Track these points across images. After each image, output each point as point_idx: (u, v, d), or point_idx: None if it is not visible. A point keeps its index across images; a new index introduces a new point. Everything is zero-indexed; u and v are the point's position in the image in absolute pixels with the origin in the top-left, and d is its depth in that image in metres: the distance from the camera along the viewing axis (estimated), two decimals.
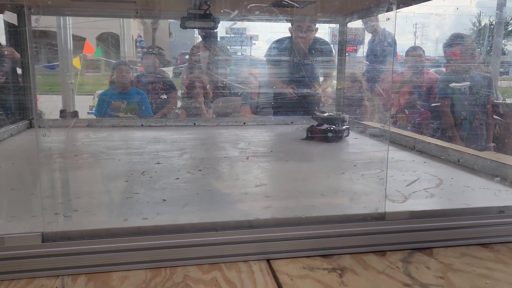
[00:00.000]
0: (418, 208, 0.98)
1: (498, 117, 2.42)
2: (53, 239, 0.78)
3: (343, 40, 2.38)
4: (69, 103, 3.43)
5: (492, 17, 4.97)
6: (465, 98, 3.08)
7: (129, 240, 0.80)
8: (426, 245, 0.91)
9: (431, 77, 3.69)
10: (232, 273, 0.79)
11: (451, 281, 0.78)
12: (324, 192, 1.18)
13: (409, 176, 1.32)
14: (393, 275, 0.79)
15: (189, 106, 3.26)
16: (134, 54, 8.67)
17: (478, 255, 0.88)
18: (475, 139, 2.81)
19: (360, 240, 0.89)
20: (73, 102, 3.56)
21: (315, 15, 2.53)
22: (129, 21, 8.87)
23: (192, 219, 0.91)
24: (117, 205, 1.06)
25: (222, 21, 2.12)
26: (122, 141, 2.01)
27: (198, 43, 3.61)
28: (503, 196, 1.11)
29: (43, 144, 1.02)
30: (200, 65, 3.50)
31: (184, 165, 1.45)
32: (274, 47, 3.33)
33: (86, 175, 1.37)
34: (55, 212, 0.93)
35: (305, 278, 0.78)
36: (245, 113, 3.49)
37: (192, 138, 2.08)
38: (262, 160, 1.62)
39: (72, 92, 3.32)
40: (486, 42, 3.06)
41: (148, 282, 0.75)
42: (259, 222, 0.88)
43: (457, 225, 0.93)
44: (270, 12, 1.93)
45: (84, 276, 0.77)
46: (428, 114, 3.39)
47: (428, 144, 1.65)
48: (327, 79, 3.40)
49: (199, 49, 3.56)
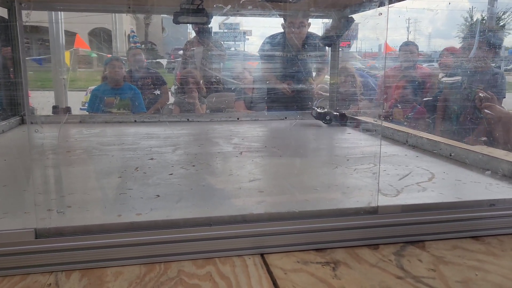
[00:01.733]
0: (410, 201, 0.99)
1: (488, 111, 2.45)
2: (46, 235, 0.78)
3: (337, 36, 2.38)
4: (61, 99, 3.40)
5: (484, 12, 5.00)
6: (460, 93, 3.10)
7: (123, 235, 0.80)
8: (418, 238, 0.92)
9: (424, 71, 3.71)
10: (226, 268, 0.79)
11: (443, 273, 0.79)
12: (317, 186, 1.19)
13: (401, 170, 1.33)
14: (386, 268, 0.80)
15: (183, 102, 3.25)
16: (126, 49, 8.61)
17: (469, 248, 0.89)
18: (467, 133, 2.84)
19: (353, 233, 0.89)
20: (65, 98, 3.54)
21: (308, 10, 2.52)
22: (121, 16, 8.80)
23: (186, 214, 0.91)
24: (110, 201, 1.06)
25: (215, 16, 2.11)
26: (115, 137, 2.00)
27: (192, 38, 3.59)
28: (494, 190, 1.12)
29: (35, 140, 1.02)
30: (194, 60, 3.49)
31: (177, 161, 1.45)
32: (268, 43, 3.33)
33: (79, 171, 1.36)
34: (48, 208, 0.93)
35: (299, 271, 0.78)
36: (239, 109, 3.49)
37: (185, 134, 2.08)
38: (256, 155, 1.62)
39: (64, 88, 3.30)
40: (478, 37, 3.09)
41: (142, 278, 0.75)
42: (253, 216, 0.88)
43: (448, 218, 0.94)
44: (263, 7, 1.93)
45: (78, 272, 0.77)
46: (424, 111, 3.42)
47: (421, 139, 1.67)
48: (320, 73, 3.41)
49: (193, 44, 3.54)
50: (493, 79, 3.04)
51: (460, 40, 3.96)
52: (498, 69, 3.34)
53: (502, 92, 3.07)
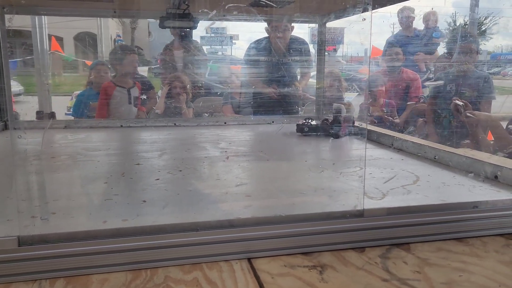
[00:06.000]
0: (395, 204, 1.00)
1: (470, 115, 2.49)
2: (29, 243, 0.77)
3: (322, 40, 2.41)
4: (45, 104, 3.35)
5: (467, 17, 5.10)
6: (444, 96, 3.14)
7: (109, 242, 0.79)
8: (404, 240, 0.93)
9: (410, 75, 3.76)
10: (213, 273, 0.79)
11: (428, 275, 0.80)
12: (304, 190, 1.19)
13: (387, 173, 1.34)
14: (372, 270, 0.81)
15: (169, 106, 3.24)
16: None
17: (453, 249, 0.90)
18: (451, 137, 2.88)
19: (339, 237, 0.90)
20: (49, 103, 3.49)
21: (293, 15, 2.54)
22: (107, 21, 8.73)
23: (173, 219, 0.90)
24: (96, 207, 1.05)
25: (201, 21, 2.11)
26: (101, 142, 1.98)
27: (171, 42, 3.58)
28: (477, 192, 1.14)
29: (18, 146, 1.01)
30: (175, 64, 3.47)
31: (164, 166, 1.44)
32: (253, 48, 3.35)
33: (64, 177, 1.34)
34: (31, 215, 0.92)
35: (286, 276, 0.79)
36: (226, 113, 3.49)
37: (172, 139, 2.07)
38: (243, 159, 1.62)
39: (48, 93, 3.25)
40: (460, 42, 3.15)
41: (128, 284, 0.75)
42: (239, 221, 0.88)
43: (433, 221, 0.95)
44: (248, 12, 1.94)
45: (62, 279, 0.76)
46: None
47: (406, 142, 1.69)
48: (304, 77, 3.43)
49: (173, 48, 3.53)
50: (477, 83, 3.09)
51: (444, 45, 4.04)
52: (483, 72, 3.41)
53: (491, 94, 3.12)
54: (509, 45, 18.57)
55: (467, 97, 2.77)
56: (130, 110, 3.12)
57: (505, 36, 26.14)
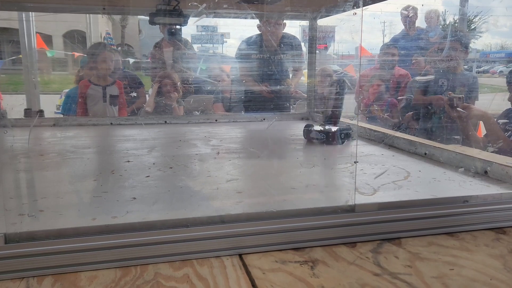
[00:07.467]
0: (386, 199, 1.00)
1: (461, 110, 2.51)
2: (16, 240, 0.75)
3: (313, 36, 2.41)
4: (34, 101, 3.31)
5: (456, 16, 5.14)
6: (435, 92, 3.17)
7: (98, 239, 0.78)
8: (395, 235, 0.93)
9: (402, 73, 3.78)
10: (204, 269, 0.78)
11: (419, 269, 0.80)
12: (295, 186, 1.19)
13: (378, 169, 1.35)
14: (363, 265, 0.81)
15: (159, 104, 3.22)
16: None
17: (444, 244, 0.91)
18: (441, 133, 2.90)
19: (331, 232, 0.90)
20: (38, 100, 3.45)
21: (284, 11, 2.54)
22: (96, 18, 8.66)
23: (163, 216, 0.89)
24: (85, 204, 1.03)
25: (191, 18, 2.10)
26: (91, 139, 1.96)
27: (160, 40, 3.56)
28: (467, 187, 1.15)
29: (5, 144, 0.99)
30: (164, 61, 3.45)
31: (154, 163, 1.43)
32: (244, 45, 3.34)
33: (53, 175, 1.32)
34: (19, 213, 0.90)
35: (277, 271, 0.78)
36: (217, 111, 3.48)
37: (163, 136, 2.06)
38: (234, 156, 1.61)
39: (35, 88, 3.21)
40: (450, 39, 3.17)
41: (118, 281, 0.74)
42: (230, 217, 0.88)
43: (424, 215, 0.95)
44: (239, 7, 1.92)
45: (50, 277, 0.75)
46: (396, 102, 3.50)
47: (397, 138, 1.69)
48: (296, 73, 3.43)
49: (162, 45, 3.51)
50: (466, 80, 3.12)
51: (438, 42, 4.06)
52: (469, 72, 3.44)
53: (474, 93, 3.15)
54: (498, 43, 18.79)
55: (457, 93, 2.78)
56: (105, 108, 3.07)
57: (494, 34, 26.45)
